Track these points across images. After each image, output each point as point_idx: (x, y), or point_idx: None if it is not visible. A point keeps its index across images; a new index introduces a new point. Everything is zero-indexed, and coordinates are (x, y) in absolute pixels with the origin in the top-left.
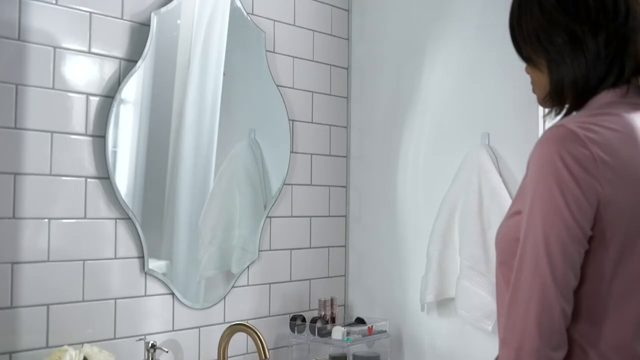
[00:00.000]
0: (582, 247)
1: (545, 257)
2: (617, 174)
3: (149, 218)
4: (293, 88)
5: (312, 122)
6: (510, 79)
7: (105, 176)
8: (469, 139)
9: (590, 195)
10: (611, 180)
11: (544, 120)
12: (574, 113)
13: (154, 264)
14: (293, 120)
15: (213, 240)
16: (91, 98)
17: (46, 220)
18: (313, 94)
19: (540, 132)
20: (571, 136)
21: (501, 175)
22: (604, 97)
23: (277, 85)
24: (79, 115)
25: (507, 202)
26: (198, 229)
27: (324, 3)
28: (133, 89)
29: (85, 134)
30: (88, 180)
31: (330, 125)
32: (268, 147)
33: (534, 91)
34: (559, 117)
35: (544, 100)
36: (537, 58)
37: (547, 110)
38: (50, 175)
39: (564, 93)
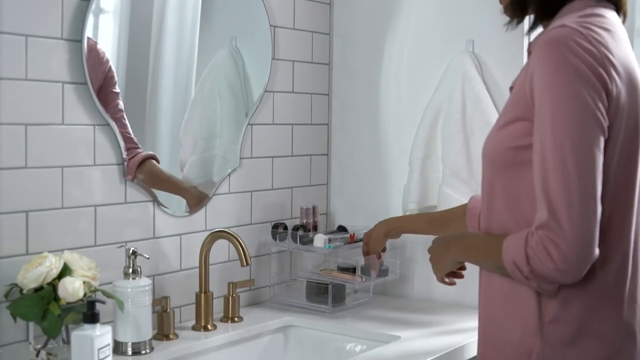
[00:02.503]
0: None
1: (587, 156)
2: (617, 72)
3: (130, 125)
4: None
5: (293, 29)
6: None
7: (82, 81)
8: (453, 46)
9: (605, 90)
10: (613, 78)
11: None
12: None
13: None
14: (274, 27)
15: (194, 149)
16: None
17: (23, 125)
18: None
19: (525, 39)
20: (577, 33)
21: (485, 83)
22: (579, 4)
23: None
24: (55, 18)
25: (491, 109)
26: (179, 138)
27: None
28: None
29: (61, 38)
30: (65, 85)
31: (312, 32)
32: (249, 54)
33: (501, 2)
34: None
35: (506, 8)
36: None
37: (507, 20)
38: (26, 80)
39: (525, 2)
